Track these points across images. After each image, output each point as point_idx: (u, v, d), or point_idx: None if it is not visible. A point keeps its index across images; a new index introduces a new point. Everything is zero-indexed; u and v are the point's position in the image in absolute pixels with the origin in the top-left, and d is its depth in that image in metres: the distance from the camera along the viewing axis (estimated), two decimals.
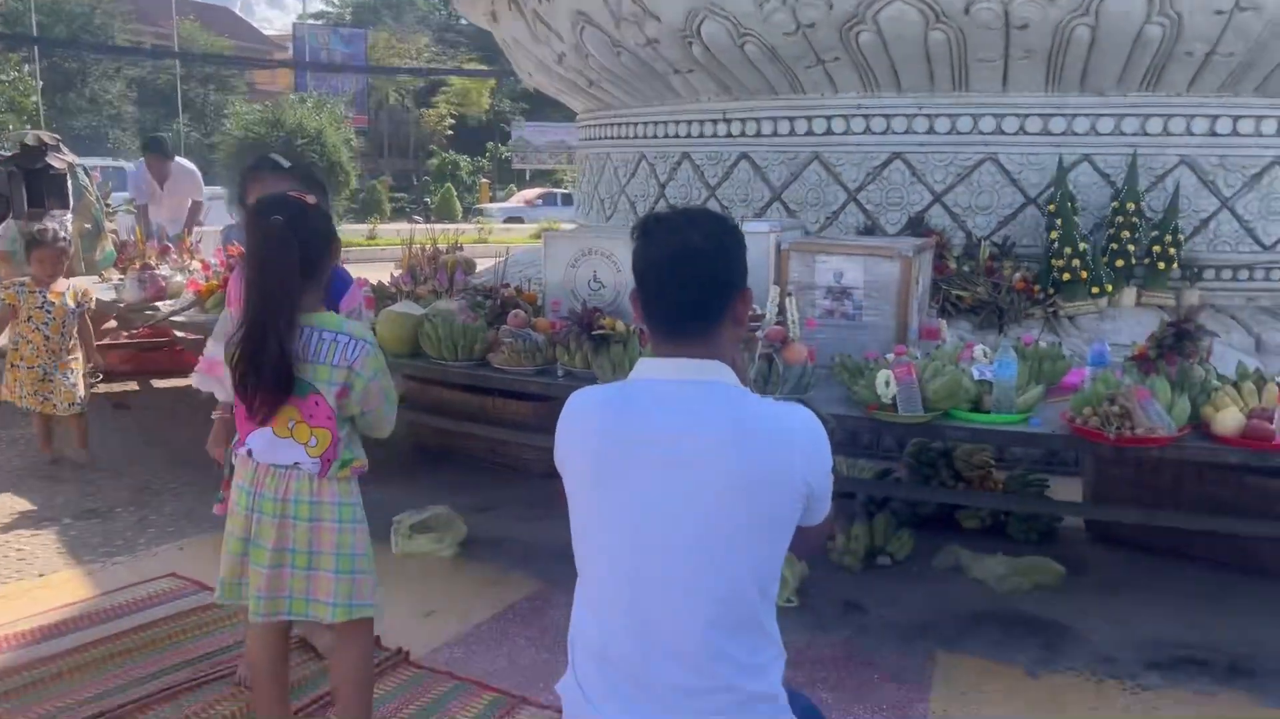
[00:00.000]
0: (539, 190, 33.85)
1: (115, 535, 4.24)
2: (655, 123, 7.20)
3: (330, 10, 49.26)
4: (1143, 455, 3.35)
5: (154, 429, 5.94)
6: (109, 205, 9.90)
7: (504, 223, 27.67)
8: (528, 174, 39.57)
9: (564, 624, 1.75)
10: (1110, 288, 5.62)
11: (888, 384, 3.33)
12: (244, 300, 2.31)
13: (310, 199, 2.34)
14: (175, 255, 6.62)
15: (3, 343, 5.42)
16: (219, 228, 7.57)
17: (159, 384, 7.15)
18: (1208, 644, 3.28)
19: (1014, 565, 3.75)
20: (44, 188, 7.82)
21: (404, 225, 20.00)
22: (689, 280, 1.63)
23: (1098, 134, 5.78)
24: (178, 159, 8.38)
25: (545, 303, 4.67)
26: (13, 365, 5.10)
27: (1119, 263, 5.61)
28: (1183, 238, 5.70)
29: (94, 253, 8.00)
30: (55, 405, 5.12)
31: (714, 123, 6.73)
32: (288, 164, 2.84)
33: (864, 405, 3.42)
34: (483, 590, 3.70)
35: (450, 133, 41.38)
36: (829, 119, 6.22)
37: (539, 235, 9.52)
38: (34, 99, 26.57)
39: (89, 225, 8.11)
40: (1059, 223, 5.59)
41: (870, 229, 6.11)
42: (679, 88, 6.77)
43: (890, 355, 3.62)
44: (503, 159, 39.81)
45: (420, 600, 3.58)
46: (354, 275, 3.19)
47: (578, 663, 1.69)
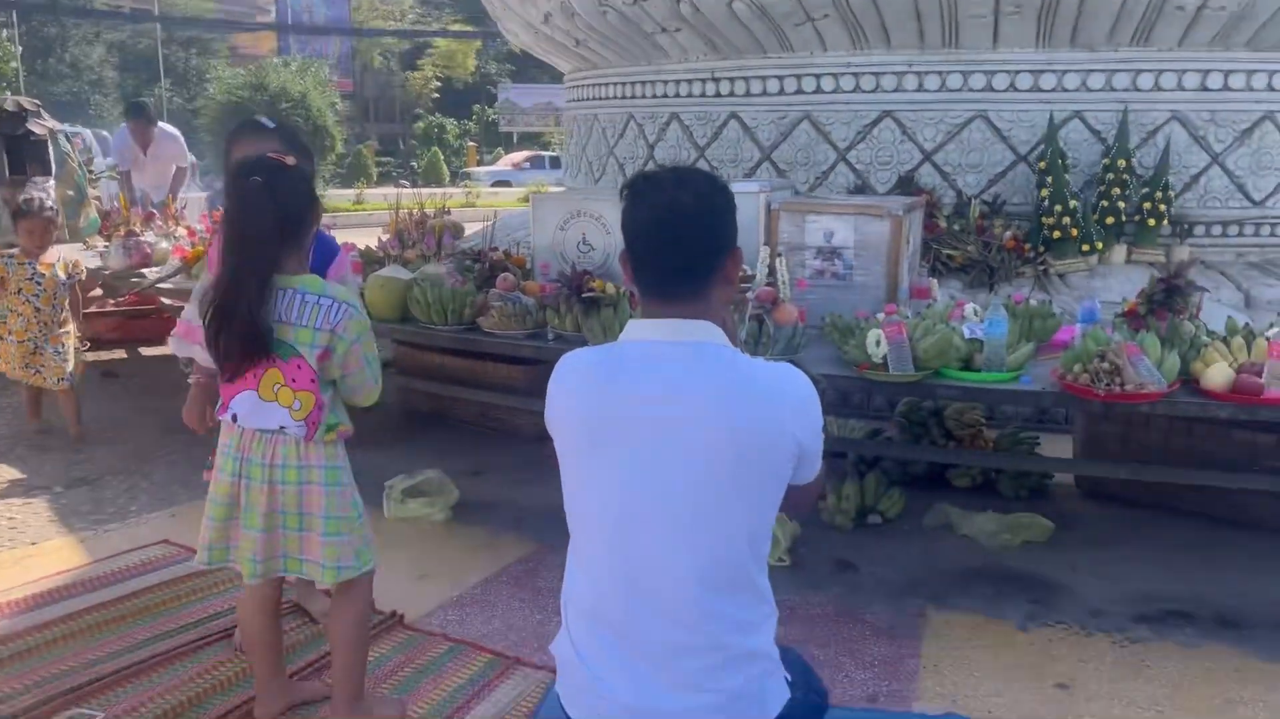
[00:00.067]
0: (526, 153, 33.60)
1: (106, 503, 4.24)
2: (643, 83, 7.13)
3: None
4: (1133, 411, 3.37)
5: (143, 397, 5.91)
6: (92, 172, 9.80)
7: (491, 186, 27.48)
8: (515, 137, 39.24)
9: (557, 586, 1.75)
10: (1101, 245, 5.63)
11: (878, 343, 3.33)
12: (220, 260, 2.29)
13: (289, 160, 2.30)
14: (160, 221, 6.57)
15: None
16: (205, 194, 7.50)
17: (147, 352, 7.11)
18: (1195, 597, 3.32)
19: (1004, 522, 3.78)
20: (25, 154, 7.74)
21: (391, 190, 19.83)
22: (679, 240, 1.62)
23: (1088, 90, 5.75)
24: (161, 124, 8.27)
25: (534, 266, 4.65)
26: (1, 338, 5.03)
27: (1109, 220, 5.62)
28: (1173, 194, 5.70)
29: (78, 220, 7.92)
30: (45, 379, 5.07)
31: (702, 82, 6.67)
32: (272, 125, 2.81)
33: (855, 365, 3.43)
34: (475, 553, 3.71)
35: (436, 96, 40.95)
36: (818, 78, 6.16)
37: (527, 198, 9.45)
38: (14, 64, 26.16)
39: (71, 192, 8.03)
40: (1049, 180, 5.59)
41: (860, 188, 6.08)
42: (667, 47, 6.70)
43: (881, 315, 3.61)
44: (489, 122, 39.43)
45: (414, 564, 3.59)
46: (341, 241, 3.16)
47: (571, 623, 1.69)
